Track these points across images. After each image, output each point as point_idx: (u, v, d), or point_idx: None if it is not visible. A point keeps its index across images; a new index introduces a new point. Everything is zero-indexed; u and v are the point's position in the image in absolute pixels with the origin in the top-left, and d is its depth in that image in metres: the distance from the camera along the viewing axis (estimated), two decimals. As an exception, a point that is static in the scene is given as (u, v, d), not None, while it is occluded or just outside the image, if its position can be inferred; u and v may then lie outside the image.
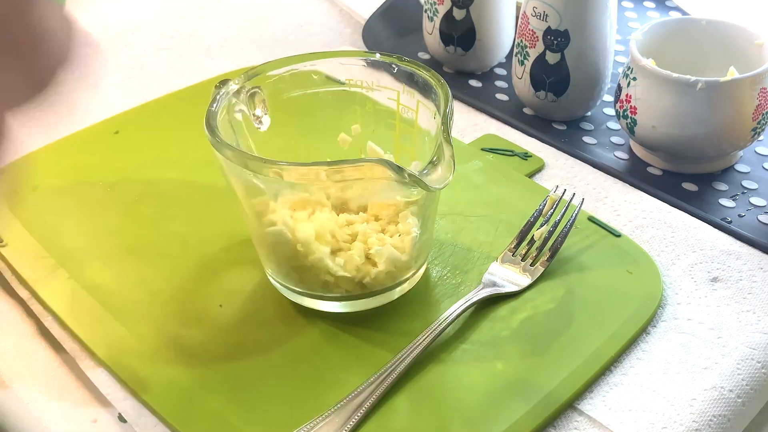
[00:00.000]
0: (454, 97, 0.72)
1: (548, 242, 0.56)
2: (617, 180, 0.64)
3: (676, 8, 0.86)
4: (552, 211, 0.57)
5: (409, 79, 0.54)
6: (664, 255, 0.57)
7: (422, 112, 0.53)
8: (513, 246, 0.56)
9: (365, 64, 0.55)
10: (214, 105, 0.51)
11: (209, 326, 0.52)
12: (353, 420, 0.45)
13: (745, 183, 0.64)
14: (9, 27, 0.28)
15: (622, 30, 0.81)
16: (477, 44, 0.75)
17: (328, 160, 0.48)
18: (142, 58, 0.77)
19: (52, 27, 0.29)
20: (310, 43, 0.83)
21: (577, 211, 0.57)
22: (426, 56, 0.80)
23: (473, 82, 0.76)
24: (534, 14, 0.66)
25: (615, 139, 0.69)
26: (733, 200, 0.62)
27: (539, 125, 0.70)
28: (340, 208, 0.52)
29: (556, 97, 0.68)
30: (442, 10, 0.74)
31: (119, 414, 0.48)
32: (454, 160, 0.46)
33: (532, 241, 0.56)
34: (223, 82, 0.53)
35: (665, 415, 0.47)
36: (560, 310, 0.52)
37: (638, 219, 0.60)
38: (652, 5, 0.87)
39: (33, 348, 0.53)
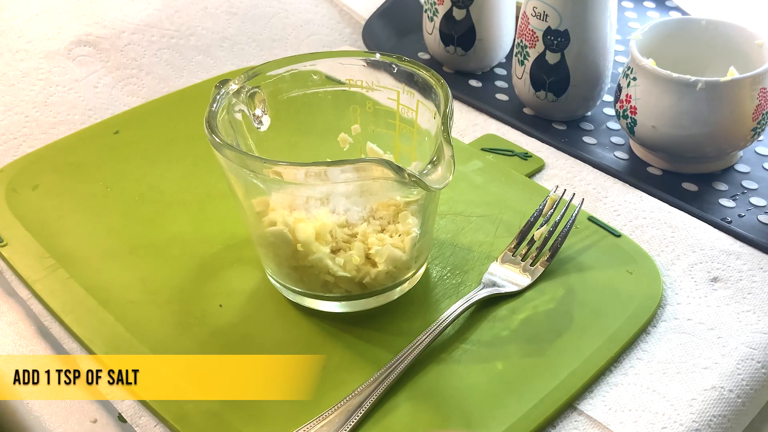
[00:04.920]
0: (454, 97, 0.72)
1: (548, 242, 0.56)
2: (617, 180, 0.64)
3: (676, 8, 0.86)
4: (552, 211, 0.57)
5: (409, 79, 0.54)
6: (664, 255, 0.57)
7: (422, 112, 0.53)
8: (513, 246, 0.56)
9: (365, 64, 0.55)
10: (214, 105, 0.51)
11: (209, 326, 0.52)
12: (353, 420, 0.45)
13: (745, 183, 0.64)
14: None
15: (622, 30, 0.81)
16: (477, 44, 0.75)
17: (328, 160, 0.48)
18: (142, 58, 0.77)
19: None
20: (310, 43, 0.83)
21: (577, 211, 0.57)
22: (426, 56, 0.80)
23: (473, 82, 0.76)
24: (534, 14, 0.66)
25: (615, 139, 0.69)
26: (733, 200, 0.62)
27: (539, 125, 0.70)
28: (340, 208, 0.52)
29: (556, 97, 0.68)
30: (442, 10, 0.74)
31: (119, 414, 0.48)
32: (454, 160, 0.46)
33: (532, 241, 0.56)
34: (223, 82, 0.53)
35: (665, 415, 0.47)
36: (560, 310, 0.52)
37: (638, 219, 0.60)
38: (652, 5, 0.87)
39: (33, 348, 0.53)
